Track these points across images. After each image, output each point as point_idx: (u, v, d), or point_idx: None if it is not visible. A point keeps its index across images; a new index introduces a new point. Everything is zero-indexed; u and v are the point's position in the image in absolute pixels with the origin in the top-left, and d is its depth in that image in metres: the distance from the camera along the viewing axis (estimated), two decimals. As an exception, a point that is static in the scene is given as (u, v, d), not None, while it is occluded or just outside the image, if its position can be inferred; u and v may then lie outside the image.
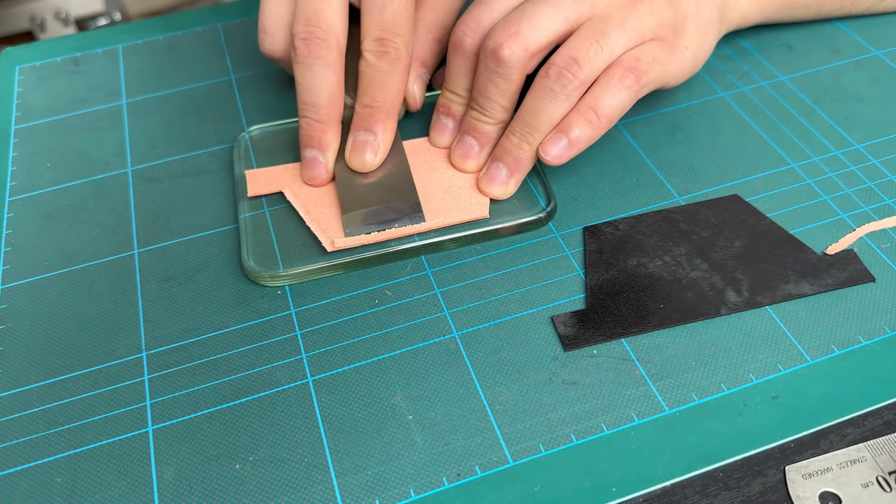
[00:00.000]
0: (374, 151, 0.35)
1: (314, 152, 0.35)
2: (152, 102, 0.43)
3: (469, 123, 0.36)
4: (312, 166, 0.36)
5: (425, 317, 0.32)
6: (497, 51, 0.33)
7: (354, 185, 0.35)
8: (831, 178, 0.36)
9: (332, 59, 0.34)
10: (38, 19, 1.21)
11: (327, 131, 0.35)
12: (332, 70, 0.34)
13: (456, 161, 0.36)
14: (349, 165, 0.36)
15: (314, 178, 0.36)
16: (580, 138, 0.33)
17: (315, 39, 0.33)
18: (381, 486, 0.27)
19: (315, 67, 0.34)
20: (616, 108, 0.33)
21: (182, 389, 0.30)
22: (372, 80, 0.34)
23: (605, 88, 0.33)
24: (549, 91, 0.33)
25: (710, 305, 0.31)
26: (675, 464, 0.27)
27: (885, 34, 0.44)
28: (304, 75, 0.34)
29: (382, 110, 0.35)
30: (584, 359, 0.30)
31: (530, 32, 0.33)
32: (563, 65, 0.32)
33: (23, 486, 0.27)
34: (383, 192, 0.35)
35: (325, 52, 0.34)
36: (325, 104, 0.34)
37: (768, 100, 0.40)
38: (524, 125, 0.34)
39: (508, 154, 0.34)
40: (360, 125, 0.35)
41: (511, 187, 0.35)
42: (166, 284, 0.33)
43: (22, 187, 0.39)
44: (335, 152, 0.36)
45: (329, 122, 0.35)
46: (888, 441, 0.27)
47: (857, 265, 0.32)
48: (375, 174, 0.36)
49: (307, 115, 0.35)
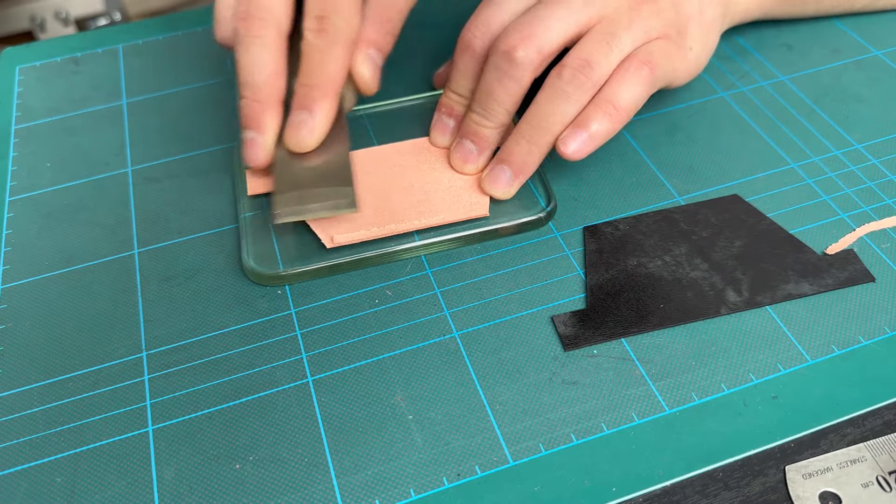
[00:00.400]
0: (311, 130, 0.34)
1: (252, 133, 0.34)
2: (152, 102, 0.43)
3: (469, 127, 0.36)
4: (250, 147, 0.34)
5: (425, 317, 0.32)
6: (511, 52, 0.33)
7: (293, 168, 0.34)
8: (831, 178, 0.36)
9: (270, 39, 0.33)
10: (38, 19, 1.21)
11: (265, 112, 0.34)
12: (270, 50, 0.33)
13: (455, 164, 0.36)
14: (286, 145, 0.35)
15: (252, 159, 0.35)
16: (600, 132, 0.33)
17: (252, 18, 0.33)
18: (381, 485, 0.27)
19: (253, 47, 0.33)
20: (633, 100, 0.33)
21: (182, 389, 0.30)
22: (310, 59, 0.33)
23: (622, 81, 0.33)
24: (562, 92, 0.33)
25: (710, 305, 0.31)
26: (675, 464, 0.27)
27: (885, 34, 0.44)
28: (243, 55, 0.33)
29: (319, 88, 0.34)
30: (584, 359, 0.30)
31: (544, 35, 0.33)
32: (577, 66, 0.32)
33: (23, 486, 0.27)
34: (318, 175, 0.34)
35: (263, 31, 0.33)
36: (263, 84, 0.34)
37: (768, 100, 0.40)
38: (534, 127, 0.34)
39: (514, 157, 0.34)
40: (298, 105, 0.34)
41: (514, 189, 0.35)
42: (166, 284, 0.33)
43: (22, 187, 0.39)
44: (275, 134, 0.35)
45: (267, 102, 0.34)
46: (888, 441, 0.27)
47: (857, 265, 0.32)
48: (314, 158, 0.35)
49: (245, 94, 0.34)
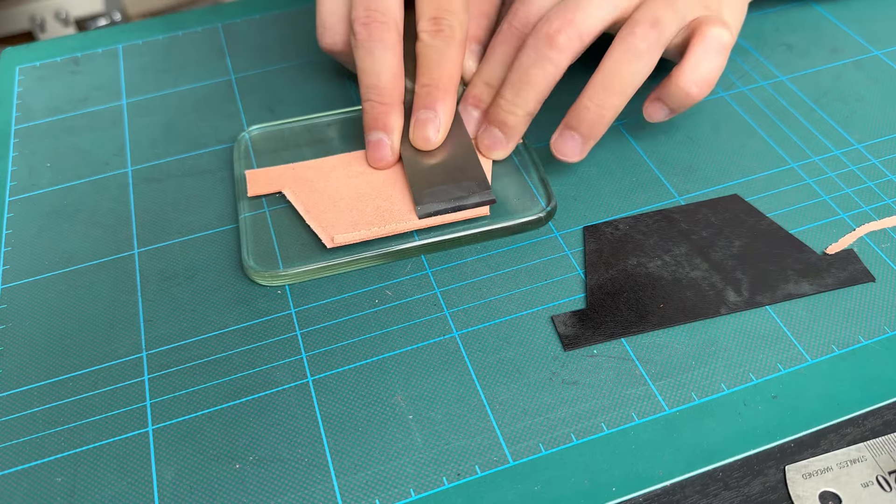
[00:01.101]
0: (437, 128, 0.35)
1: (379, 134, 0.36)
2: (152, 102, 0.43)
3: (497, 115, 0.36)
4: (378, 148, 0.36)
5: (425, 317, 0.32)
6: (554, 36, 0.33)
7: (421, 165, 0.36)
8: (831, 178, 0.36)
9: (392, 42, 0.35)
10: (38, 19, 1.21)
11: (390, 113, 0.36)
12: (391, 52, 0.35)
13: (483, 150, 0.37)
14: (413, 144, 0.36)
15: (380, 159, 0.36)
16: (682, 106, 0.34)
17: (375, 23, 0.34)
18: (381, 485, 0.27)
19: (376, 50, 0.34)
20: (715, 71, 0.33)
21: (182, 389, 0.30)
22: (428, 59, 0.35)
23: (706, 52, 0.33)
24: (636, 50, 0.32)
25: (710, 305, 0.31)
26: (675, 463, 0.27)
27: (886, 34, 0.44)
28: (366, 59, 0.35)
29: (440, 87, 0.35)
30: (584, 358, 0.30)
31: (584, 21, 0.33)
32: (649, 22, 0.32)
33: (23, 486, 0.27)
34: (449, 170, 0.35)
35: (385, 35, 0.34)
36: (387, 86, 0.35)
37: (768, 100, 0.40)
38: (605, 89, 0.33)
39: (583, 122, 0.34)
40: (421, 104, 0.36)
41: (584, 153, 0.35)
42: (166, 284, 0.33)
43: (22, 187, 0.39)
44: (399, 134, 0.36)
45: (392, 103, 0.35)
46: (888, 441, 0.27)
47: (857, 265, 0.32)
48: (440, 154, 0.36)
49: (370, 97, 0.35)
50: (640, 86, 0.33)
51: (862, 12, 0.45)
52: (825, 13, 0.46)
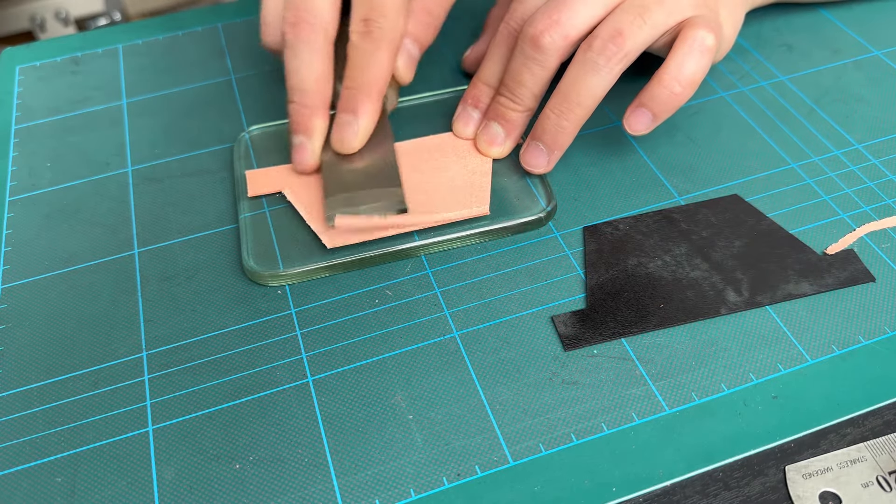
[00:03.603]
0: (355, 133, 0.35)
1: (301, 138, 0.35)
2: (152, 102, 0.43)
3: (496, 110, 0.36)
4: (299, 152, 0.35)
5: (425, 317, 0.32)
6: (538, 38, 0.33)
7: (340, 170, 0.35)
8: (831, 178, 0.36)
9: (319, 44, 0.34)
10: (38, 19, 1.21)
11: (313, 117, 0.35)
12: (318, 55, 0.34)
13: (481, 146, 0.37)
14: (332, 147, 0.35)
15: (300, 163, 0.36)
16: (664, 111, 0.33)
17: (302, 23, 0.34)
18: (381, 485, 0.27)
19: (302, 52, 0.34)
20: (699, 73, 0.33)
21: (182, 389, 0.30)
22: (355, 62, 0.34)
23: (689, 53, 0.32)
24: (593, 64, 0.32)
25: (710, 305, 0.31)
26: (675, 464, 0.27)
27: (886, 34, 0.44)
28: (292, 60, 0.34)
29: (363, 91, 0.35)
30: (584, 359, 0.30)
31: (570, 20, 0.33)
32: (608, 37, 0.32)
33: (23, 486, 0.27)
34: (366, 177, 0.35)
35: (312, 37, 0.34)
36: (312, 89, 0.34)
37: (768, 100, 0.40)
38: (565, 101, 0.33)
39: (547, 133, 0.34)
40: (343, 107, 0.35)
41: (552, 164, 0.35)
42: (166, 284, 0.33)
43: (22, 187, 0.39)
44: (322, 138, 0.36)
45: (315, 107, 0.35)
46: (888, 441, 0.27)
47: (857, 265, 0.32)
48: (361, 160, 0.35)
49: (294, 99, 0.35)
50: (601, 97, 0.33)
51: (862, 13, 0.45)
52: (826, 14, 0.46)
